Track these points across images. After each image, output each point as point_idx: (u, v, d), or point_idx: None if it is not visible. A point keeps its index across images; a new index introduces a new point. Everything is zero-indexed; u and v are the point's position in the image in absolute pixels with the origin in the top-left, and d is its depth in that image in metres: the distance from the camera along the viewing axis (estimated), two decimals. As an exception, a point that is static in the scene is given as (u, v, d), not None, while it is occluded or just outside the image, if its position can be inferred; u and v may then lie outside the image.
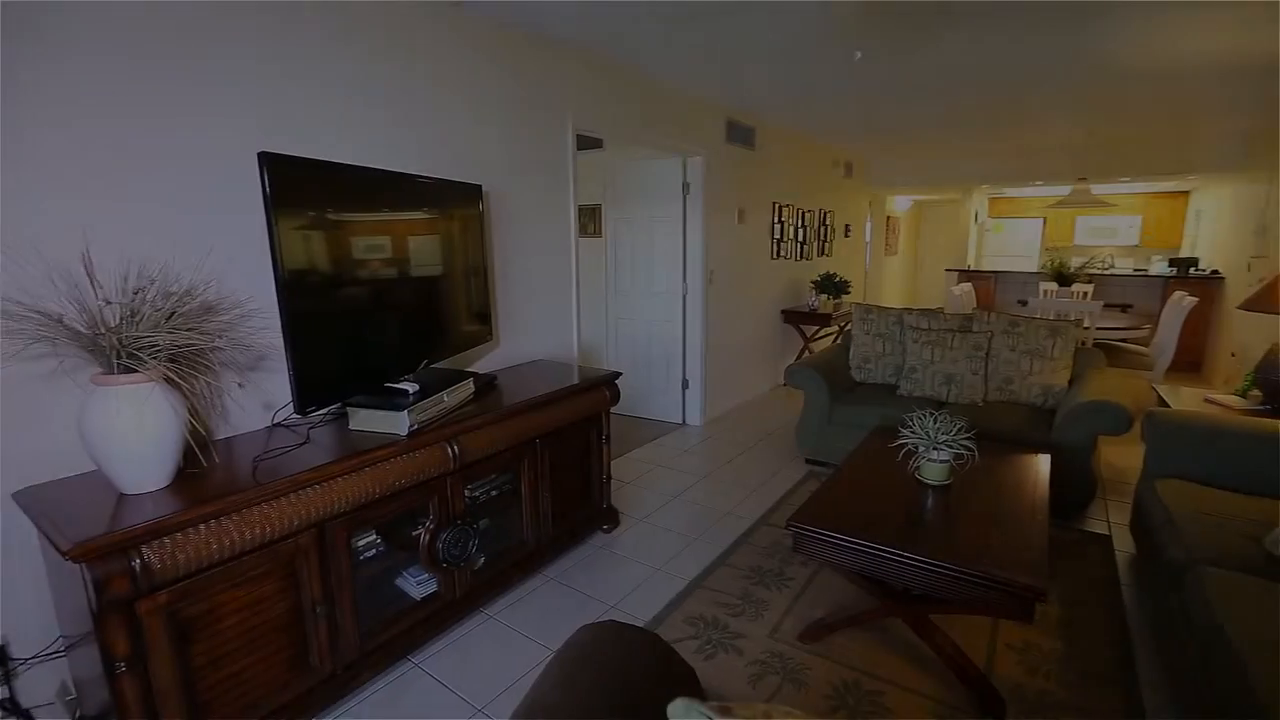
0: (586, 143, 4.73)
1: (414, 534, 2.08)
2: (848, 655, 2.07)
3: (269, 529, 1.56)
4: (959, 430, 2.20)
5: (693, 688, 1.08)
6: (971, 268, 8.85)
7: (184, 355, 1.55)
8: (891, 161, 7.79)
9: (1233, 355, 5.45)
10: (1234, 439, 2.41)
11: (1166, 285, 6.81)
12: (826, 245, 6.77)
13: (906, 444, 2.26)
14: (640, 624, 2.26)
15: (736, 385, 5.23)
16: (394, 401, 2.00)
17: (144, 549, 1.35)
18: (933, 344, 3.67)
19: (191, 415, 1.55)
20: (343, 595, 1.81)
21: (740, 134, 4.81)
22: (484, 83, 2.78)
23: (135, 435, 1.45)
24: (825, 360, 3.94)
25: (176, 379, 1.50)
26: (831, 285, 5.90)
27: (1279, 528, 1.86)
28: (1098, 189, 7.66)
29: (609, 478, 2.95)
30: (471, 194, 2.56)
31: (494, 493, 2.42)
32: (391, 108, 2.39)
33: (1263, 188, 5.34)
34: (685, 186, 4.42)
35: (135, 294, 1.54)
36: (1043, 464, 2.50)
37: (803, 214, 6.07)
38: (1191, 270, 6.95)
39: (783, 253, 5.74)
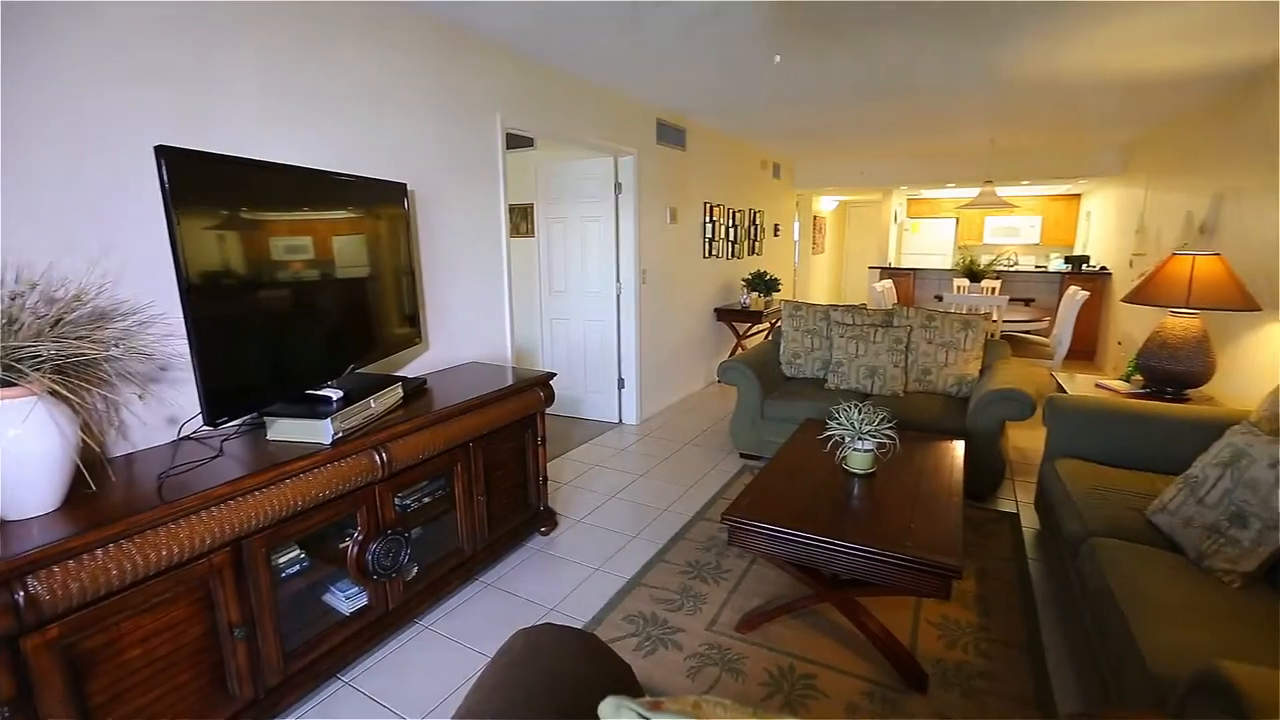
0: (518, 141, 4.67)
1: (341, 546, 1.99)
2: (783, 642, 2.13)
3: (177, 550, 1.46)
4: (881, 421, 2.31)
5: (630, 686, 1.08)
6: (892, 265, 9.29)
7: (73, 366, 1.42)
8: (817, 163, 8.08)
9: (1119, 344, 5.97)
10: (1121, 421, 2.63)
11: (1063, 280, 7.38)
12: (757, 244, 6.95)
13: (833, 435, 2.36)
14: (580, 625, 2.26)
15: (672, 383, 5.29)
16: (316, 409, 1.91)
17: (29, 580, 1.23)
18: (857, 339, 3.83)
19: (84, 432, 1.43)
20: (264, 615, 1.71)
21: (671, 134, 4.86)
22: (411, 80, 2.70)
23: (15, 455, 1.32)
24: (757, 357, 4.04)
25: (64, 392, 1.37)
26: (762, 283, 6.06)
27: (1158, 499, 2.05)
28: (1002, 191, 8.23)
29: (546, 479, 2.92)
30: (396, 193, 2.48)
31: (426, 499, 2.35)
32: (312, 103, 2.28)
33: (1140, 191, 5.88)
34: (618, 186, 4.43)
35: (13, 299, 1.40)
36: (957, 450, 2.66)
37: (733, 214, 6.20)
38: (1083, 267, 7.56)
39: (715, 252, 5.85)
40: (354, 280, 2.30)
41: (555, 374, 2.92)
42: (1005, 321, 5.77)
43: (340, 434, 1.90)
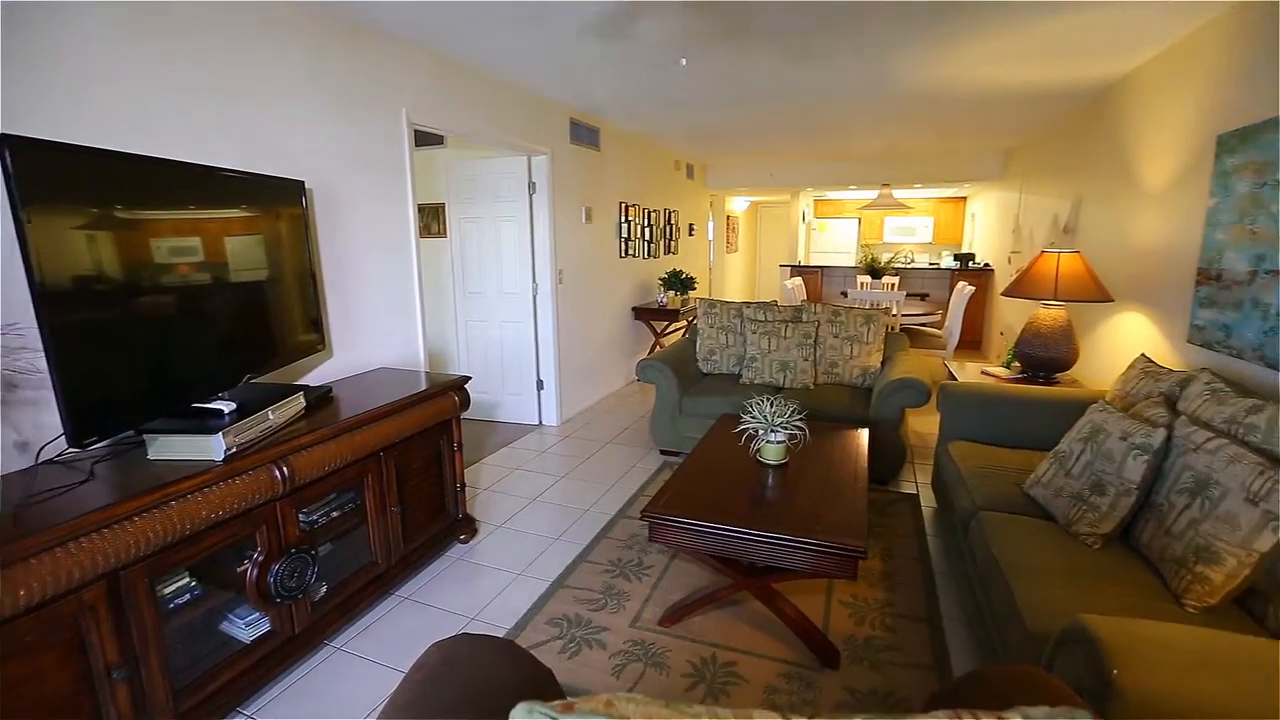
0: (427, 139, 4.51)
1: (239, 570, 1.86)
2: (705, 633, 2.19)
3: (38, 588, 1.31)
4: (792, 413, 2.41)
5: (550, 690, 1.08)
6: (802, 263, 9.70)
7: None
8: (728, 165, 8.30)
9: (1001, 334, 6.52)
10: (1003, 404, 2.88)
11: (953, 276, 7.98)
12: (672, 244, 7.06)
13: (747, 429, 2.44)
14: (502, 632, 2.22)
15: (591, 383, 5.28)
16: (205, 424, 1.77)
17: None
18: (769, 334, 3.98)
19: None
20: (148, 652, 1.56)
21: (585, 134, 4.85)
22: (309, 73, 2.55)
23: None
24: (674, 354, 4.11)
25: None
26: (678, 282, 6.17)
27: (1034, 474, 2.26)
28: (898, 194, 8.77)
29: (464, 486, 2.85)
30: (291, 191, 2.33)
31: (334, 514, 2.23)
32: (200, 95, 2.11)
33: (1015, 195, 6.45)
34: (531, 185, 4.37)
35: None
36: (862, 437, 2.82)
37: (649, 213, 6.27)
38: (970, 264, 8.20)
39: (631, 251, 5.89)
40: (248, 284, 2.15)
41: (470, 377, 2.85)
42: (904, 315, 6.17)
43: (234, 449, 1.77)
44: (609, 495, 3.39)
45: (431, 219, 5.09)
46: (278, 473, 1.85)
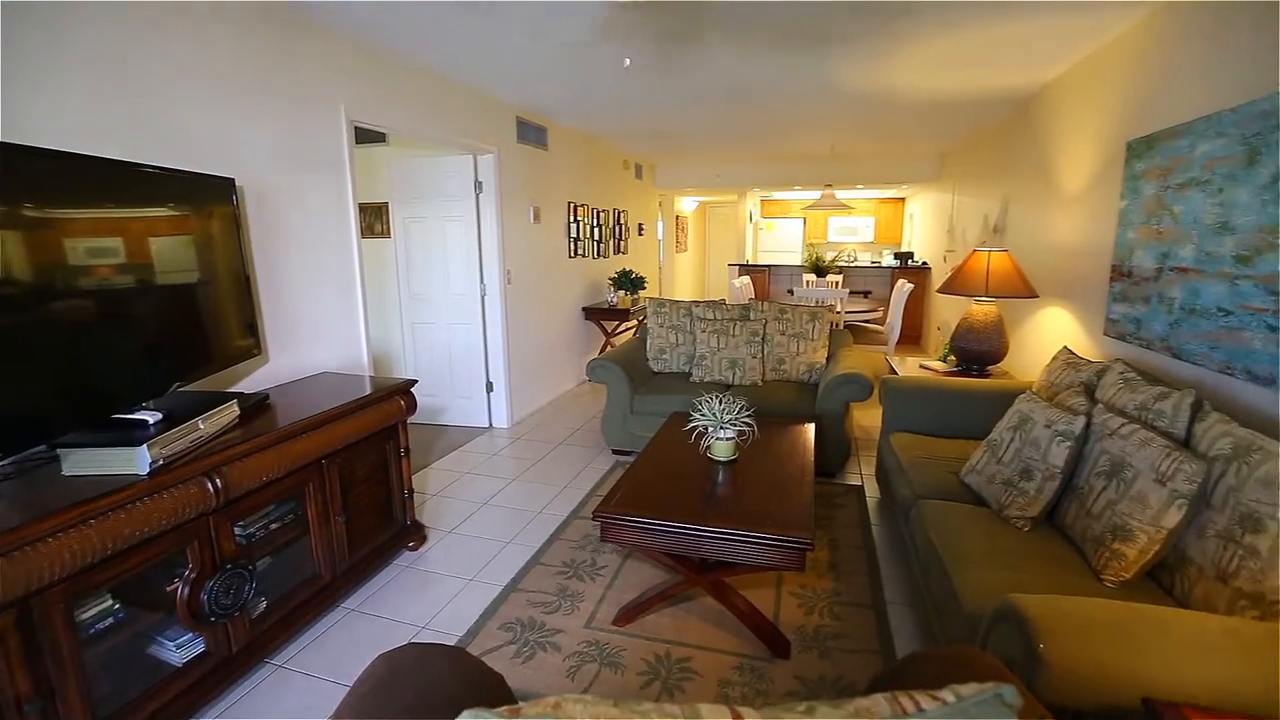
0: (368, 136, 4.38)
1: (170, 589, 1.76)
2: (659, 630, 2.20)
3: (-60, 617, 1.21)
4: (741, 410, 2.46)
5: (501, 696, 1.06)
6: (750, 262, 9.87)
7: None
8: (676, 165, 8.37)
9: (939, 329, 6.80)
10: (940, 396, 3.01)
11: (893, 275, 8.27)
12: (622, 243, 7.07)
13: (697, 426, 2.47)
14: (453, 640, 2.18)
15: (542, 384, 5.24)
16: (127, 436, 1.67)
17: None
18: (718, 332, 4.03)
19: None
20: (65, 682, 1.46)
21: (532, 133, 4.80)
22: (242, 68, 2.45)
23: None
24: (625, 354, 4.12)
25: None
26: (628, 282, 6.18)
27: (969, 462, 2.37)
28: (841, 194, 9.03)
29: (411, 492, 2.78)
30: (221, 189, 2.22)
31: (274, 525, 2.14)
32: (122, 87, 1.98)
33: (949, 196, 6.74)
34: (478, 185, 4.30)
35: None
36: (809, 432, 2.90)
37: (598, 213, 6.26)
38: (909, 262, 8.52)
39: (580, 251, 5.87)
40: (177, 287, 2.04)
41: (417, 381, 2.78)
42: (847, 312, 6.36)
43: (160, 461, 1.67)
44: (561, 496, 3.37)
45: (374, 218, 4.95)
46: (210, 485, 1.77)
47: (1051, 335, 3.52)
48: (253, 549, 2.01)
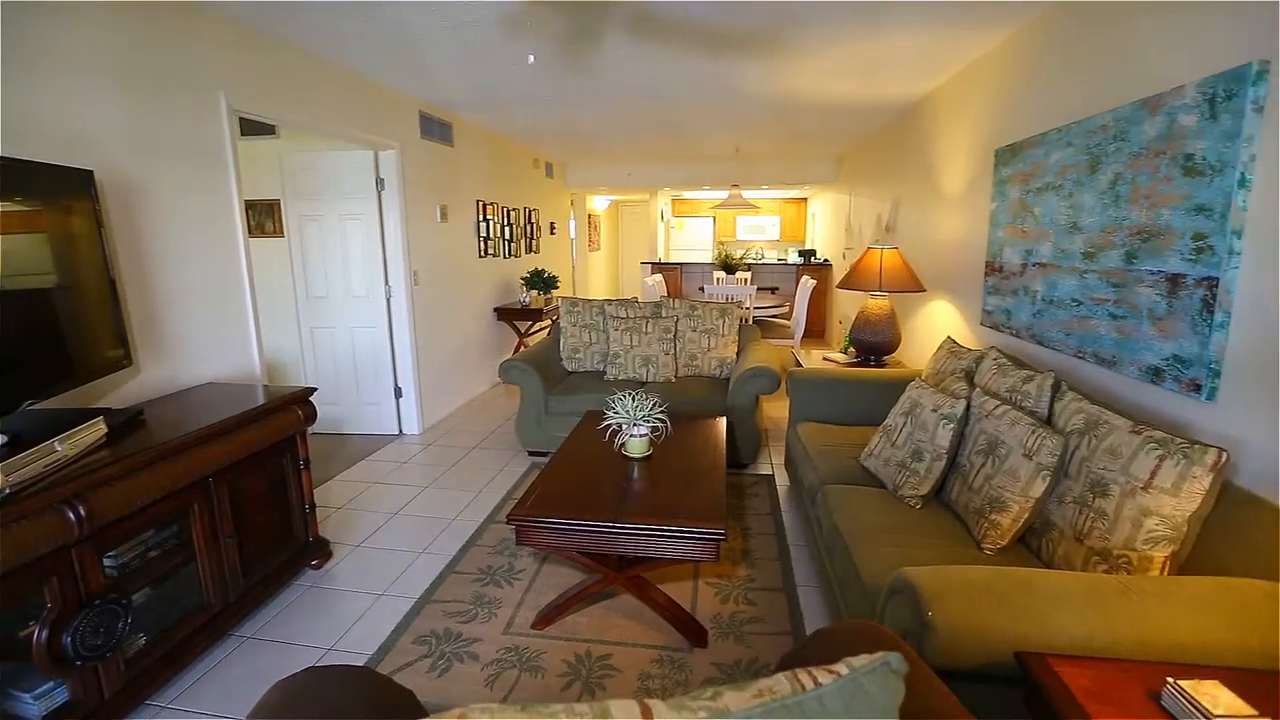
0: (257, 127, 4.08)
1: (24, 634, 1.57)
2: (578, 630, 2.20)
3: None
4: (654, 406, 2.49)
5: (410, 712, 1.03)
6: (662, 260, 10.02)
7: None
8: (587, 164, 8.36)
9: (840, 322, 7.19)
10: (841, 386, 3.18)
11: (798, 271, 8.66)
12: (534, 243, 6.98)
13: (611, 424, 2.48)
14: (363, 659, 2.08)
15: (454, 388, 5.09)
16: (-36, 463, 1.47)
17: None
18: (631, 330, 4.07)
19: None
20: (-105, 747, 1.28)
21: (436, 129, 4.64)
22: (104, 49, 2.21)
23: None
24: (538, 354, 4.08)
25: None
26: (541, 281, 6.11)
27: (867, 447, 2.53)
28: (747, 194, 9.34)
29: (313, 507, 2.62)
30: (76, 182, 1.99)
31: (153, 553, 1.96)
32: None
33: (847, 196, 7.14)
34: (380, 182, 4.11)
35: None
36: (721, 426, 2.98)
37: (508, 212, 6.15)
38: (812, 259, 8.95)
39: (491, 251, 5.74)
40: (26, 292, 1.81)
41: (316, 389, 2.62)
42: (756, 308, 6.59)
43: (6, 490, 1.49)
44: (476, 502, 3.29)
45: (265, 216, 4.62)
46: (71, 513, 1.59)
47: (938, 326, 3.80)
48: (127, 581, 1.83)
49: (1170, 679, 1.05)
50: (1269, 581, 1.32)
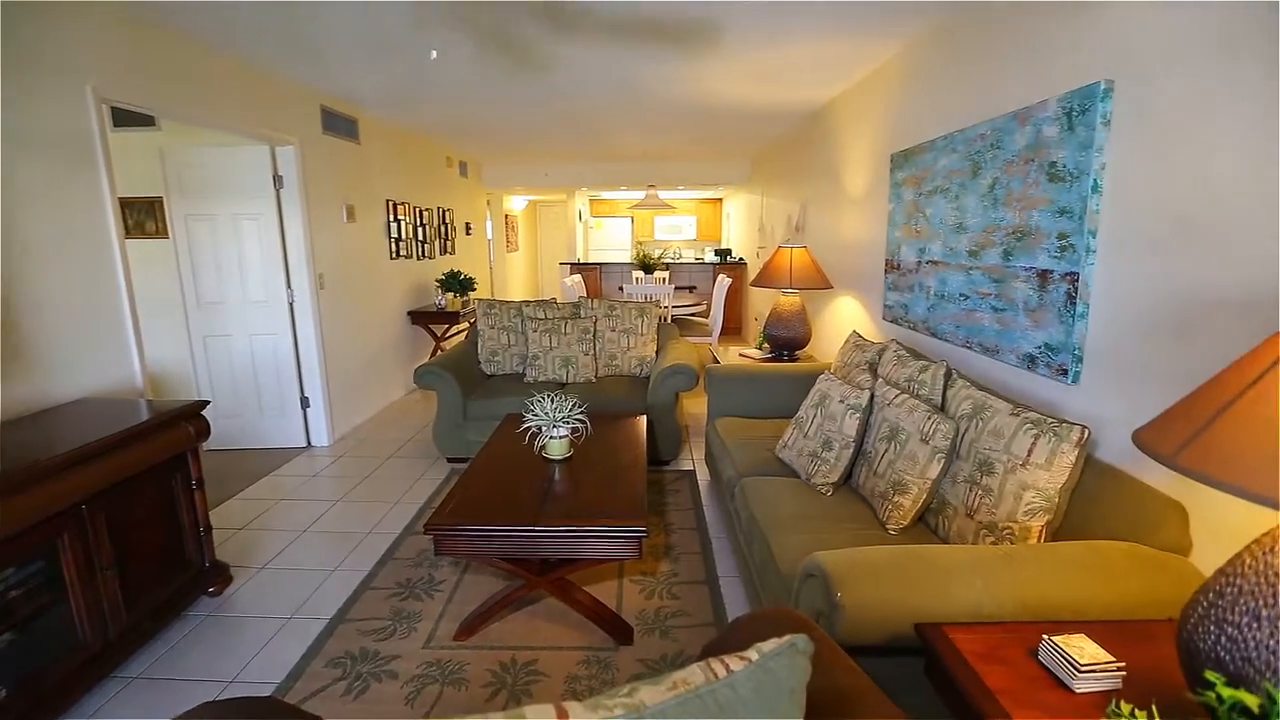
0: (133, 118, 3.74)
1: None
2: (503, 638, 2.16)
3: None
4: (573, 407, 2.48)
5: (320, 736, 0.98)
6: (581, 261, 9.98)
7: None
8: (503, 163, 8.20)
9: (755, 320, 7.43)
10: (757, 381, 3.28)
11: (714, 270, 8.86)
12: (449, 244, 6.78)
13: (531, 427, 2.45)
14: (270, 689, 1.95)
15: (367, 396, 4.86)
16: None
17: None
18: (550, 331, 4.03)
19: None
20: None
21: (340, 124, 4.41)
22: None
23: None
24: (455, 358, 3.97)
25: None
26: (457, 283, 5.94)
27: (781, 439, 2.63)
28: (663, 194, 9.47)
29: (209, 529, 2.43)
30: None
31: (14, 593, 1.75)
32: None
33: (759, 197, 7.38)
34: (278, 179, 3.86)
35: None
36: (641, 425, 3.01)
37: (421, 212, 5.94)
38: (727, 258, 9.19)
39: (403, 252, 5.53)
40: None
41: (209, 402, 2.44)
42: (674, 307, 6.70)
43: None
44: (393, 513, 3.16)
45: (145, 216, 4.25)
46: (-90, 553, 1.40)
47: (845, 321, 4.01)
48: (-16, 625, 1.63)
49: (1046, 635, 1.16)
50: (1127, 542, 1.48)
